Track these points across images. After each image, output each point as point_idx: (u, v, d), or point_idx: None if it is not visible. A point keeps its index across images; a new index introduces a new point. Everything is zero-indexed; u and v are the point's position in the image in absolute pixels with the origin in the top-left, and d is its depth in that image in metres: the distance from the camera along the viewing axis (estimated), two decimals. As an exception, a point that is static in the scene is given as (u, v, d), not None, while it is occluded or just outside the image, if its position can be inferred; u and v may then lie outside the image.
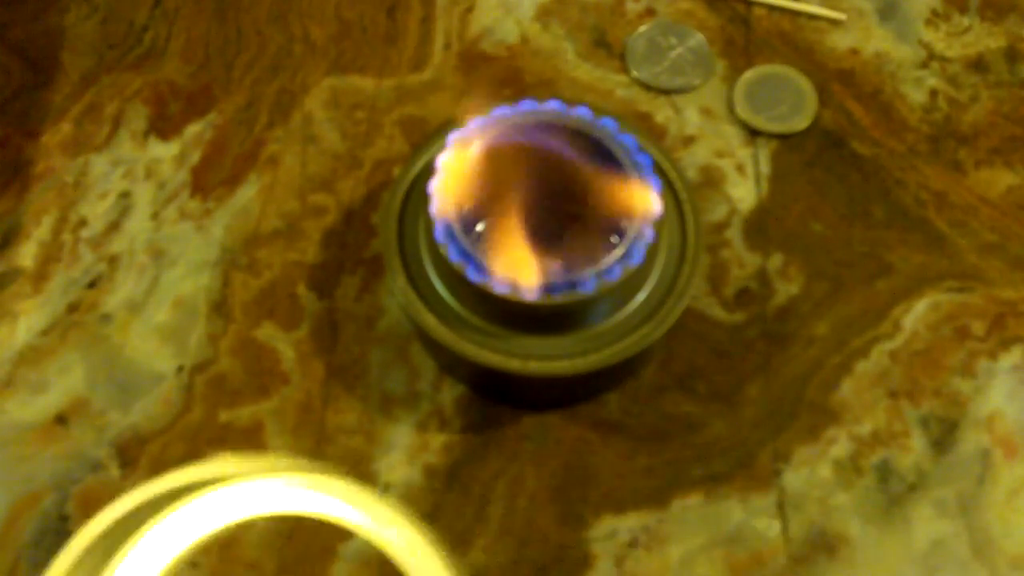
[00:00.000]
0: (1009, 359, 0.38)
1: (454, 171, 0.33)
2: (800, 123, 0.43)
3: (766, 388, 0.37)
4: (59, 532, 0.35)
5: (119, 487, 0.35)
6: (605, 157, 0.34)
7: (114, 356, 0.38)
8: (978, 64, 0.45)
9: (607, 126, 0.34)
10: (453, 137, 0.34)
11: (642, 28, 0.45)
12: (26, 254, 0.40)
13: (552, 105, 0.35)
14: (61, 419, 0.37)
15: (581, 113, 0.35)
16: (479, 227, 0.33)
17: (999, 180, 0.42)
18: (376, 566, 0.34)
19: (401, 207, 0.36)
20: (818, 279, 0.39)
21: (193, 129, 0.43)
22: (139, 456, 0.36)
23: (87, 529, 0.20)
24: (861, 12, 0.46)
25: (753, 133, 0.43)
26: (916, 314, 0.39)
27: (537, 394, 0.37)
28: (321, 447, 0.36)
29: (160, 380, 0.37)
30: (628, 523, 0.35)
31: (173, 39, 0.45)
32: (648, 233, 0.33)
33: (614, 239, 0.33)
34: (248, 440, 0.36)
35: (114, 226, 0.40)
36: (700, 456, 0.36)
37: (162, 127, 0.43)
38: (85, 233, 0.40)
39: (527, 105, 0.35)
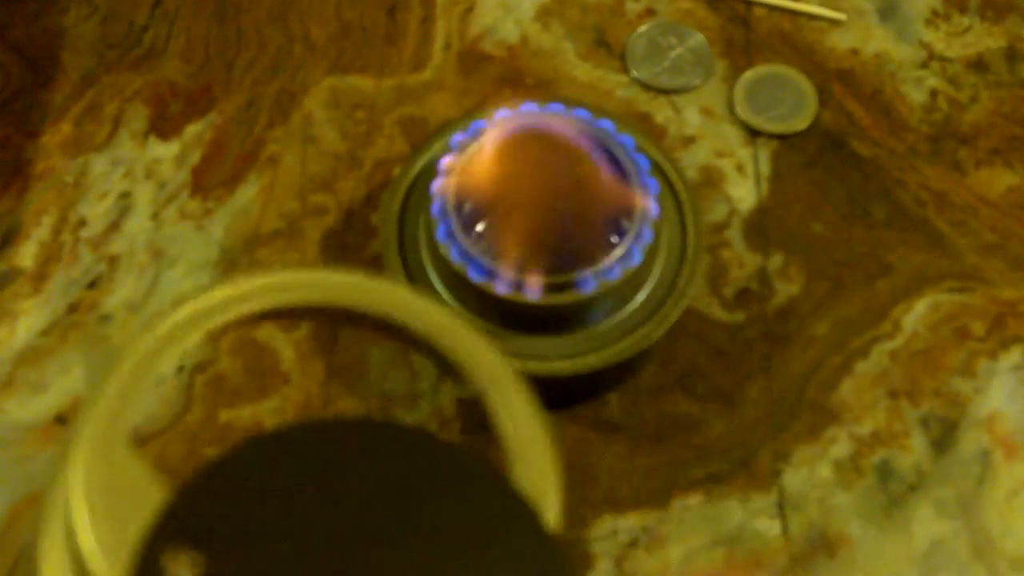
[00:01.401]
0: (1009, 359, 0.38)
1: (456, 172, 0.33)
2: (800, 123, 0.43)
3: (766, 388, 0.37)
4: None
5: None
6: (604, 157, 0.34)
7: (114, 356, 0.38)
8: (978, 64, 0.45)
9: (606, 127, 0.34)
10: (456, 139, 0.34)
11: (642, 28, 0.45)
12: (26, 254, 0.40)
13: (552, 107, 0.35)
14: (61, 419, 0.37)
15: (580, 115, 0.35)
16: (479, 227, 0.33)
17: (999, 180, 0.42)
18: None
19: (401, 207, 0.36)
20: (818, 279, 0.39)
21: (193, 129, 0.43)
22: (139, 456, 0.36)
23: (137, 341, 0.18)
24: (861, 12, 0.46)
25: (753, 133, 0.43)
26: (916, 314, 0.39)
27: (537, 394, 0.37)
28: (321, 447, 0.36)
29: (160, 380, 0.37)
30: (628, 523, 0.35)
31: (173, 39, 0.45)
32: (647, 233, 0.33)
33: (614, 239, 0.33)
34: (248, 440, 0.36)
35: (114, 226, 0.40)
36: (700, 456, 0.36)
37: (162, 127, 0.43)
38: (85, 233, 0.40)
39: (528, 108, 0.35)
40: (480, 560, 0.16)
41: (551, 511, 0.18)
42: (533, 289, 0.32)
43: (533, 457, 0.19)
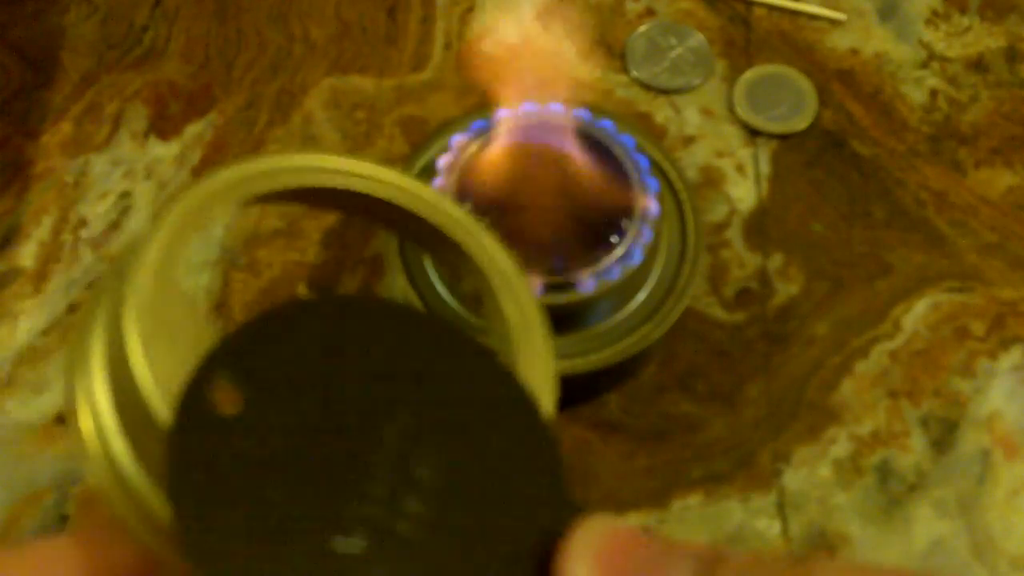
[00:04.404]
0: (1009, 359, 0.38)
1: (456, 172, 0.33)
2: (800, 123, 0.43)
3: (766, 388, 0.37)
4: (59, 532, 0.35)
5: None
6: (604, 157, 0.34)
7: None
8: (978, 64, 0.45)
9: (606, 127, 0.34)
10: (455, 139, 0.34)
11: (642, 28, 0.45)
12: (26, 254, 0.40)
13: (552, 107, 0.35)
14: (61, 419, 0.37)
15: (581, 114, 0.35)
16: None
17: (999, 180, 0.42)
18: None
19: (401, 207, 0.36)
20: (818, 279, 0.39)
21: (193, 129, 0.43)
22: (139, 456, 0.36)
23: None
24: (861, 12, 0.46)
25: (753, 133, 0.43)
26: (916, 314, 0.39)
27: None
28: (321, 447, 0.36)
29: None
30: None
31: (173, 39, 0.45)
32: (646, 233, 0.33)
33: (614, 239, 0.33)
34: (248, 440, 0.36)
35: (114, 226, 0.40)
36: (700, 456, 0.36)
37: (162, 127, 0.43)
38: (85, 233, 0.40)
39: (528, 108, 0.35)
40: (481, 441, 0.18)
41: (547, 400, 0.20)
42: (533, 289, 0.32)
43: (533, 347, 0.20)
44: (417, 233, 0.22)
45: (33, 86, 0.44)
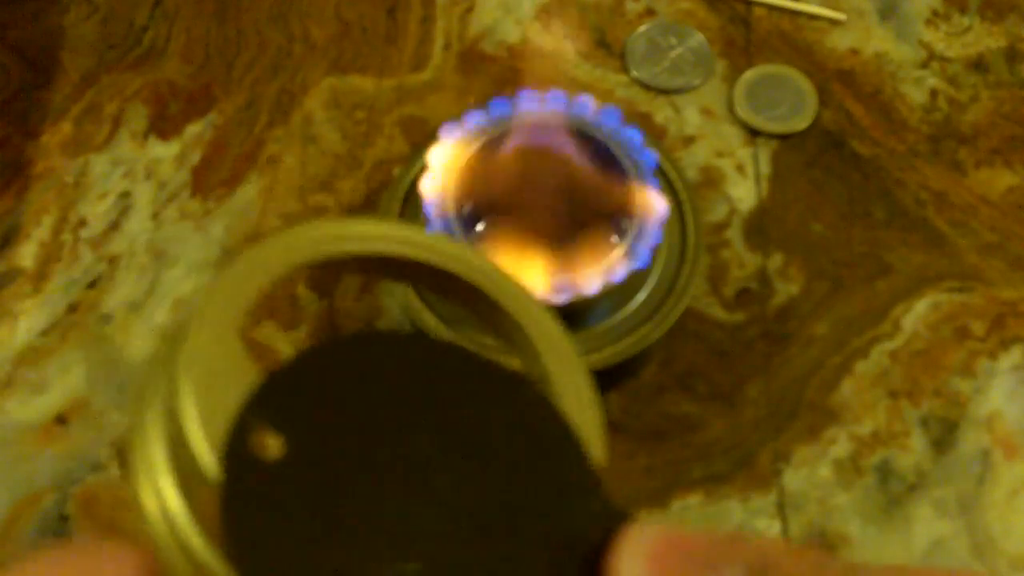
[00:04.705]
0: (1009, 359, 0.38)
1: (449, 169, 0.33)
2: (800, 123, 0.43)
3: (766, 388, 0.37)
4: (59, 532, 0.35)
5: (119, 487, 0.35)
6: (607, 156, 0.34)
7: (114, 356, 0.38)
8: (978, 64, 0.45)
9: (609, 123, 0.34)
10: (448, 134, 0.34)
11: (642, 28, 0.45)
12: (26, 254, 0.40)
13: (552, 96, 0.35)
14: (61, 419, 0.37)
15: (582, 105, 0.34)
16: (479, 227, 0.33)
17: (999, 180, 0.42)
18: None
19: (401, 207, 0.36)
20: (818, 279, 0.39)
21: (193, 129, 0.43)
22: (139, 456, 0.36)
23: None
24: (861, 12, 0.46)
25: (753, 133, 0.43)
26: (916, 314, 0.39)
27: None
28: (321, 447, 0.36)
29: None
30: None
31: (173, 39, 0.45)
32: (655, 234, 0.33)
33: (615, 239, 0.33)
34: (248, 440, 0.36)
35: (114, 226, 0.40)
36: (700, 456, 0.36)
37: (162, 127, 0.43)
38: (85, 233, 0.40)
39: (527, 96, 0.35)
40: (520, 460, 0.18)
41: (597, 446, 0.20)
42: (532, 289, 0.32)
43: (579, 397, 0.20)
44: (442, 287, 0.22)
45: (33, 86, 0.44)
